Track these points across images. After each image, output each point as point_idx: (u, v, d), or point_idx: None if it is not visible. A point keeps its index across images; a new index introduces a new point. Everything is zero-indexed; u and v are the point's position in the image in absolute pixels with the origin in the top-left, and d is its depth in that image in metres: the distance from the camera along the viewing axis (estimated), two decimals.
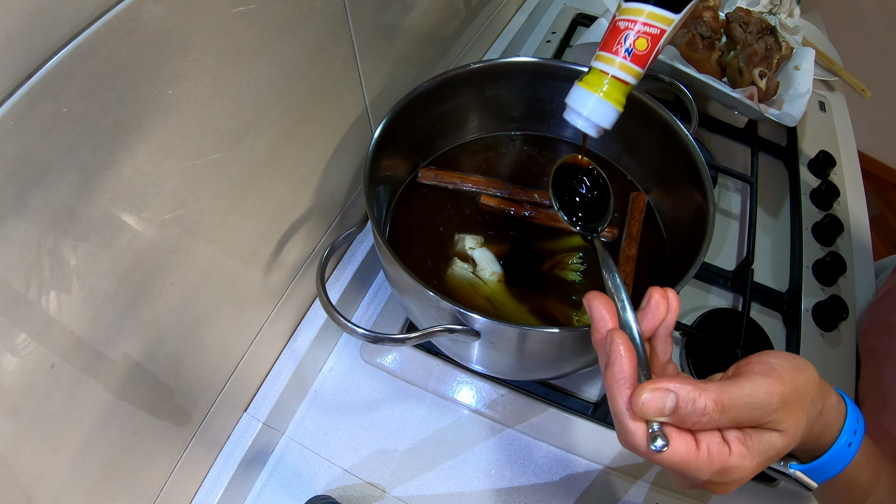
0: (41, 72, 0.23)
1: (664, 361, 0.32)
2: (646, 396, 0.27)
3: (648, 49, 0.32)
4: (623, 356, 0.28)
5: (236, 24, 0.33)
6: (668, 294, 0.31)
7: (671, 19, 0.31)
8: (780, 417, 0.28)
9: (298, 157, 0.46)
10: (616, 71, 0.33)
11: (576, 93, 0.35)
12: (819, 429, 0.31)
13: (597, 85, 0.34)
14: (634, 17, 0.32)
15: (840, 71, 0.89)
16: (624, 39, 0.32)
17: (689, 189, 0.50)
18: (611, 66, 0.33)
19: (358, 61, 0.48)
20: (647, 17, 0.31)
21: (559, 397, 0.56)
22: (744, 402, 0.27)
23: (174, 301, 0.38)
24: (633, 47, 0.32)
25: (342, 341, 0.60)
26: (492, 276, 0.51)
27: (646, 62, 0.33)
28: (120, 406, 0.36)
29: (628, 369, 0.28)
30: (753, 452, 0.27)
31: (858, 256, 0.71)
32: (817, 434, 0.31)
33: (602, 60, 0.34)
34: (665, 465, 0.27)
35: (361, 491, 0.52)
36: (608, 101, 0.34)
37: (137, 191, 0.31)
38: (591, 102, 0.34)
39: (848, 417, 0.32)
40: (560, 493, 0.52)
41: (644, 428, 0.28)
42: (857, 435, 0.32)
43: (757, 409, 0.27)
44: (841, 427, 0.32)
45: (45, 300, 0.28)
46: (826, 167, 0.77)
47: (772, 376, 0.28)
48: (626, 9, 0.32)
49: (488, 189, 0.57)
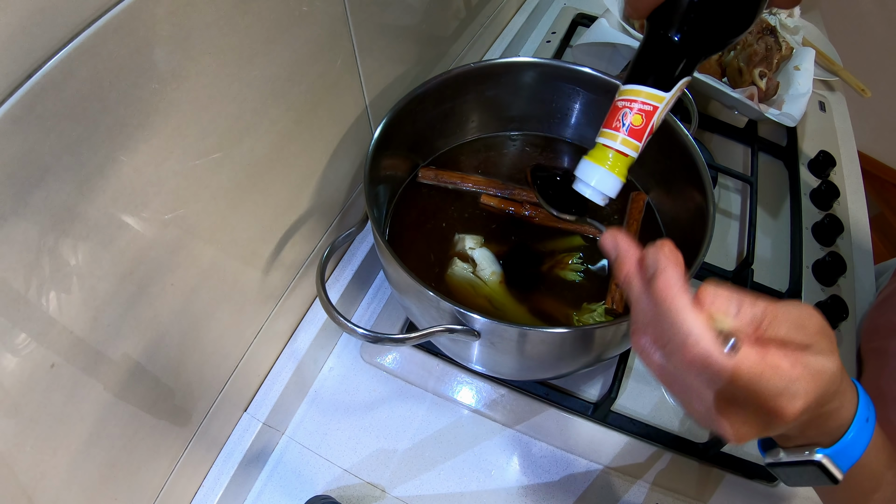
0: (41, 72, 0.23)
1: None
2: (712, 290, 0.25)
3: (643, 124, 0.36)
4: (675, 262, 0.26)
5: (236, 23, 0.33)
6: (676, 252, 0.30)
7: (662, 97, 0.36)
8: (822, 340, 0.26)
9: (298, 158, 0.46)
10: (618, 145, 0.37)
11: (584, 166, 0.39)
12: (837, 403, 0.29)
13: (603, 159, 0.38)
14: (630, 97, 0.36)
15: (840, 71, 0.89)
16: (622, 117, 0.36)
17: (688, 189, 0.50)
18: (613, 141, 0.37)
19: (358, 61, 0.48)
20: (641, 96, 0.36)
21: (559, 397, 0.56)
22: (791, 317, 0.26)
23: (174, 301, 0.38)
24: (630, 123, 0.36)
25: (342, 341, 0.60)
26: (492, 276, 0.51)
27: (642, 136, 0.37)
28: (120, 406, 0.36)
29: (681, 275, 0.26)
30: (812, 370, 0.25)
31: (858, 256, 0.71)
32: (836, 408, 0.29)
33: (605, 136, 0.38)
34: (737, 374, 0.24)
35: (361, 491, 0.52)
36: (613, 172, 0.38)
37: (137, 191, 0.31)
38: (599, 174, 0.38)
39: (860, 395, 0.31)
40: (560, 493, 0.52)
41: (712, 332, 0.25)
42: (870, 410, 0.31)
43: (801, 328, 0.26)
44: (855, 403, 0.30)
45: (45, 300, 0.28)
46: (826, 167, 0.77)
47: (805, 306, 0.27)
48: (624, 90, 0.37)
49: (489, 189, 0.57)
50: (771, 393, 0.25)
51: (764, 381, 0.24)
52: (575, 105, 0.59)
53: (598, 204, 0.40)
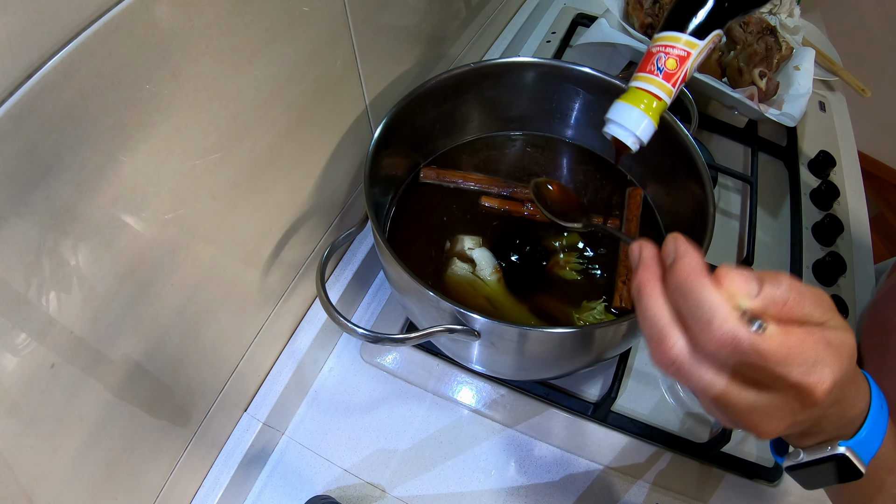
0: (41, 72, 0.24)
1: None
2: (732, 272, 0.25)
3: (676, 68, 0.37)
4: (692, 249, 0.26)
5: (236, 23, 0.33)
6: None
7: (697, 44, 0.37)
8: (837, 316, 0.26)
9: (298, 157, 0.46)
10: (653, 88, 0.37)
11: (617, 107, 0.39)
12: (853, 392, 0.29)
13: (638, 100, 0.38)
14: (665, 43, 0.37)
15: (840, 71, 0.89)
16: (657, 60, 0.37)
17: (689, 189, 0.50)
18: (648, 83, 0.37)
19: (358, 61, 0.48)
20: (675, 41, 0.37)
21: (559, 397, 0.56)
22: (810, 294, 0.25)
23: (174, 301, 0.38)
24: (664, 66, 0.37)
25: (342, 341, 0.60)
26: (491, 276, 0.51)
27: (676, 81, 0.37)
28: (120, 406, 0.36)
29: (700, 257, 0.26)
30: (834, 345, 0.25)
31: (858, 256, 0.71)
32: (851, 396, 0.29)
33: (640, 80, 0.38)
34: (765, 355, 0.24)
35: (361, 491, 0.52)
36: (647, 114, 0.38)
37: (137, 191, 0.31)
38: (634, 115, 0.38)
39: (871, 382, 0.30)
40: (560, 493, 0.52)
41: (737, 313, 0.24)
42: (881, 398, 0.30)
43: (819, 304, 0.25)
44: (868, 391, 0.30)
45: (45, 300, 0.28)
46: (826, 167, 0.77)
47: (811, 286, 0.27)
48: (660, 37, 0.37)
49: (490, 188, 0.57)
50: (801, 371, 0.24)
51: (793, 359, 0.24)
52: (575, 105, 0.59)
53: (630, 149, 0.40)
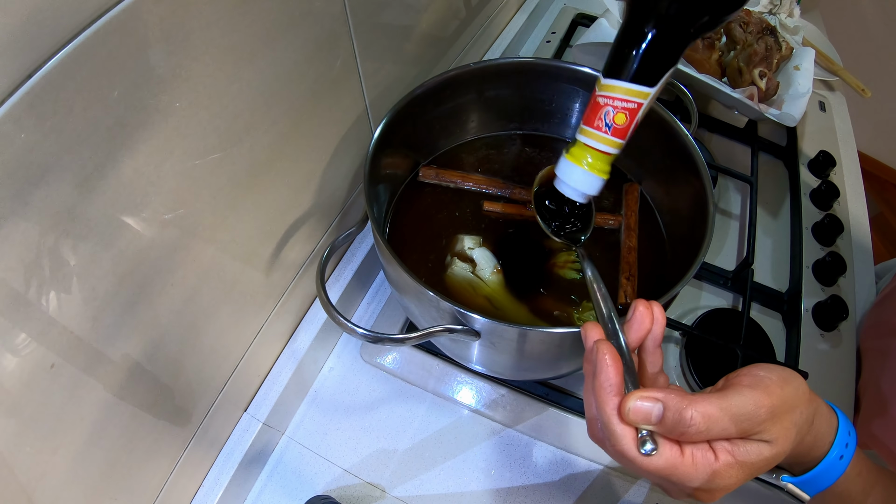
0: (41, 72, 0.23)
1: (654, 372, 0.32)
2: (633, 404, 0.27)
3: (627, 122, 0.34)
4: (609, 364, 0.29)
5: (236, 23, 0.33)
6: (653, 307, 0.31)
7: (647, 93, 0.32)
8: (768, 428, 0.28)
9: (298, 157, 0.46)
10: (598, 144, 0.35)
11: (562, 165, 0.38)
12: (810, 441, 0.31)
13: (581, 157, 0.36)
14: (612, 94, 0.33)
15: (840, 71, 0.89)
16: (604, 115, 0.34)
17: (688, 189, 0.50)
18: (593, 140, 0.35)
19: (358, 61, 0.48)
20: (624, 93, 0.33)
21: (559, 397, 0.56)
22: (732, 413, 0.27)
23: (174, 301, 0.38)
24: (613, 122, 0.34)
25: (342, 341, 0.60)
26: (491, 276, 0.51)
27: (626, 134, 0.34)
28: (120, 406, 0.36)
29: (614, 377, 0.29)
30: (740, 461, 0.28)
31: (858, 256, 0.71)
32: (808, 446, 0.32)
33: (585, 135, 0.36)
34: (651, 470, 0.28)
35: (361, 491, 0.52)
36: (592, 171, 0.37)
37: (137, 191, 0.31)
38: (577, 174, 0.37)
39: (839, 430, 0.32)
40: (560, 493, 0.52)
41: (633, 433, 0.28)
42: (848, 448, 0.32)
43: (745, 420, 0.28)
44: (832, 440, 0.32)
45: (45, 300, 0.28)
46: (826, 167, 0.77)
47: (760, 388, 0.28)
48: (605, 85, 0.33)
49: (489, 188, 0.57)
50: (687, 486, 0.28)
51: (679, 475, 0.27)
52: (575, 105, 0.59)
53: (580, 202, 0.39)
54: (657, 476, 0.28)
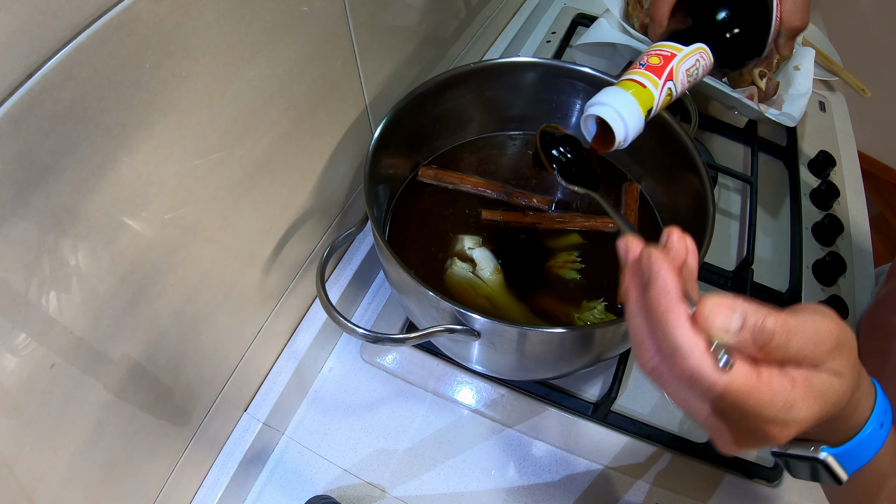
0: (41, 72, 0.23)
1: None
2: (712, 304, 0.24)
3: (661, 63, 0.40)
4: (667, 270, 0.25)
5: (236, 24, 0.33)
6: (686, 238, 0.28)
7: (679, 48, 0.41)
8: (836, 357, 0.25)
9: (298, 157, 0.46)
10: (636, 76, 0.40)
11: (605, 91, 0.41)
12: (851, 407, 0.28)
13: (625, 86, 0.40)
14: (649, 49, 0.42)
15: (840, 71, 0.89)
16: (639, 60, 0.41)
17: (688, 189, 0.50)
18: (632, 74, 0.41)
19: (358, 61, 0.48)
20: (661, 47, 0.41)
21: (559, 397, 0.56)
22: (806, 333, 0.24)
23: (174, 301, 0.38)
24: (647, 62, 0.41)
25: (342, 341, 0.60)
26: (491, 276, 0.51)
27: (661, 73, 0.40)
28: (120, 406, 0.36)
29: (674, 283, 0.25)
30: (816, 392, 0.24)
31: (858, 256, 0.71)
32: (849, 411, 0.28)
33: (627, 73, 0.41)
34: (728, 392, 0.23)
35: (361, 491, 0.52)
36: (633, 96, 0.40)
37: (137, 191, 0.31)
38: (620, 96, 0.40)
39: (878, 399, 0.30)
40: (560, 493, 0.52)
41: (705, 344, 0.24)
42: (887, 416, 0.30)
43: (817, 344, 0.24)
44: (871, 408, 0.29)
45: (45, 300, 0.28)
46: (826, 167, 0.77)
47: (827, 316, 0.25)
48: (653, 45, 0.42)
49: (487, 191, 0.57)
50: (761, 415, 0.24)
51: (754, 401, 0.24)
52: (575, 105, 0.59)
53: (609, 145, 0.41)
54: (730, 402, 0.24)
